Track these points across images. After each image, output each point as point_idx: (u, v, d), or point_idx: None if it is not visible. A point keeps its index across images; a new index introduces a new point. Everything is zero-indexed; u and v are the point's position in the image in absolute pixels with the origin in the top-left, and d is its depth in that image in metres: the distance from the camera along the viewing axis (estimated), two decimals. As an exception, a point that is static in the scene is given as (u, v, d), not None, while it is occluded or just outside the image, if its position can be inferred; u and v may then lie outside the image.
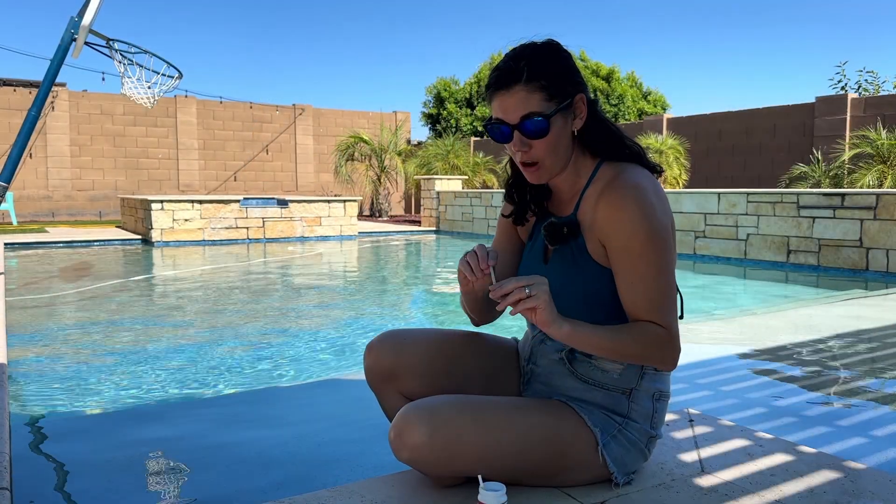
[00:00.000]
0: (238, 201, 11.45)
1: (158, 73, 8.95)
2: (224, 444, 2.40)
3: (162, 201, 10.86)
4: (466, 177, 15.98)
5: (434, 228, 13.84)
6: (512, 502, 1.33)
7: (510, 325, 3.51)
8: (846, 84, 16.56)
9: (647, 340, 1.37)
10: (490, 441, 1.35)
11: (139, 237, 11.39)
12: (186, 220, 11.00)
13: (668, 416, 1.99)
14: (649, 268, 1.36)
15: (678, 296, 1.48)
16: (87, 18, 7.03)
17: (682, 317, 1.55)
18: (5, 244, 9.80)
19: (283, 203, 11.81)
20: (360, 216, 17.99)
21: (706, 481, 1.56)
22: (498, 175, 17.08)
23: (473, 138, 20.48)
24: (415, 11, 66.83)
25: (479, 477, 1.28)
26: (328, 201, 12.28)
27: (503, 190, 1.62)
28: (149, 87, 8.98)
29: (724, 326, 4.21)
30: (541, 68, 1.37)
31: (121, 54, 8.40)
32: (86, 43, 7.38)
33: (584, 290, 1.44)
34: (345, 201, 12.37)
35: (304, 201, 12.06)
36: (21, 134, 6.86)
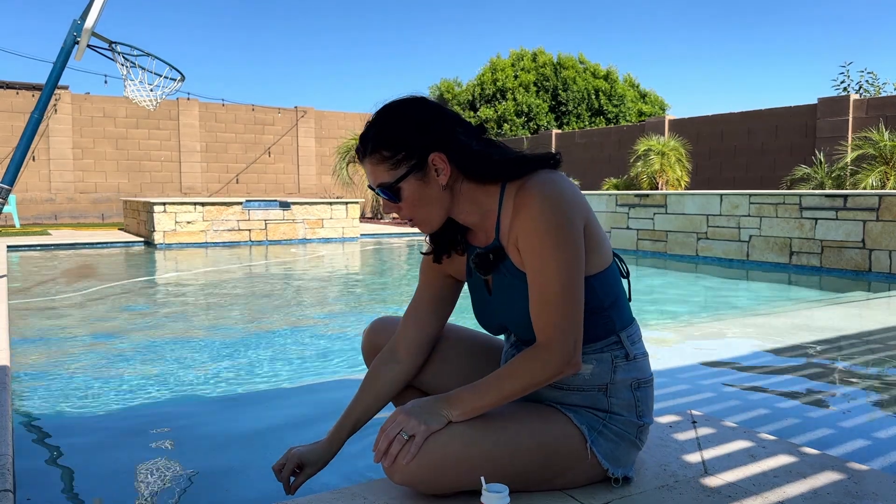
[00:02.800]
0: (240, 203, 11.46)
1: (161, 76, 8.97)
2: (228, 445, 2.40)
3: (164, 203, 10.87)
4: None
5: (436, 230, 13.84)
6: (514, 503, 1.33)
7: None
8: (849, 85, 16.57)
9: (526, 369, 1.37)
10: (481, 454, 1.36)
11: (142, 239, 11.40)
12: (189, 222, 11.02)
13: (671, 418, 1.99)
14: (544, 269, 1.35)
15: (618, 292, 1.49)
16: (89, 21, 7.05)
17: (630, 299, 1.55)
18: (8, 246, 9.81)
19: (285, 205, 11.82)
20: (362, 218, 17.99)
21: (709, 482, 1.55)
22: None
23: (475, 140, 20.46)
24: (417, 13, 66.95)
25: (482, 479, 1.29)
26: (330, 203, 12.28)
27: None
28: (151, 90, 8.99)
29: (726, 328, 4.20)
30: (383, 139, 1.40)
31: (123, 57, 8.42)
32: (88, 46, 7.39)
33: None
34: (346, 203, 12.38)
35: (307, 203, 12.07)
36: (24, 137, 6.87)
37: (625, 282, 1.54)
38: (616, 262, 1.52)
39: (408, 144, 1.40)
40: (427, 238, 1.60)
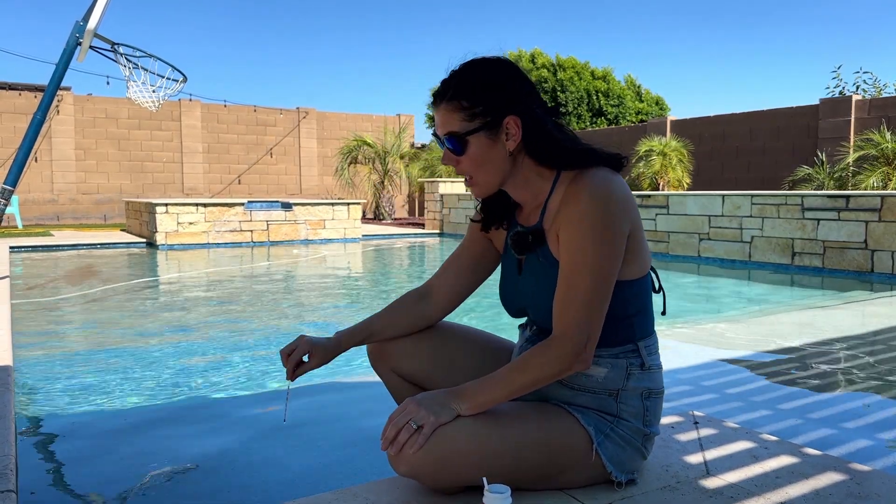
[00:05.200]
0: (242, 204, 11.47)
1: (163, 77, 8.97)
2: (228, 446, 2.40)
3: (166, 204, 10.88)
4: (470, 179, 15.95)
5: (438, 231, 13.84)
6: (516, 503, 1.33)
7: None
8: (844, 88, 16.57)
9: (536, 362, 1.36)
10: (487, 449, 1.36)
11: (144, 240, 11.41)
12: (191, 223, 11.03)
13: (673, 419, 1.99)
14: (578, 262, 1.35)
15: (647, 301, 1.50)
16: (92, 22, 7.05)
17: (664, 313, 1.56)
18: (10, 247, 9.82)
19: (287, 206, 11.83)
20: (364, 219, 17.99)
21: (711, 483, 1.55)
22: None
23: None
24: (417, 13, 67.00)
25: (484, 479, 1.28)
26: (332, 204, 12.29)
27: None
28: (153, 91, 9.00)
29: (728, 328, 4.20)
30: (465, 88, 1.39)
31: (125, 58, 8.42)
32: (91, 47, 7.40)
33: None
34: (348, 204, 12.38)
35: (308, 204, 12.08)
36: (26, 138, 6.88)
37: (657, 297, 1.55)
38: (651, 275, 1.52)
39: (488, 100, 1.39)
40: (478, 207, 1.62)
